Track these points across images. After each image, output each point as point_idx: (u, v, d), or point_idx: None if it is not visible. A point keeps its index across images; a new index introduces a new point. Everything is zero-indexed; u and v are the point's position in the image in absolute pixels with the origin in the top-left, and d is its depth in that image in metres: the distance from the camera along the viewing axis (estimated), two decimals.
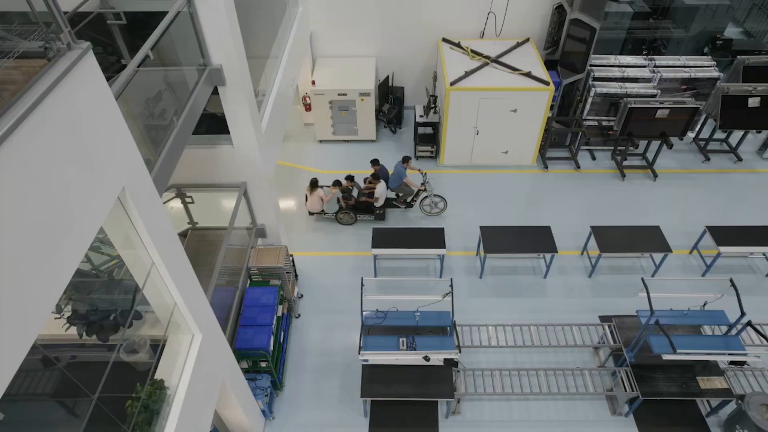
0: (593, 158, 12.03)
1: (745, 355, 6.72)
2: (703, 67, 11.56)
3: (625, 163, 11.83)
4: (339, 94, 11.36)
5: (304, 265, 9.63)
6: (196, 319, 4.92)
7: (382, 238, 9.12)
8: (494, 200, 10.79)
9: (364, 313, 7.27)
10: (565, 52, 11.17)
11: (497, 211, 10.68)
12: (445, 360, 7.05)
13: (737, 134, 12.13)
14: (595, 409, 7.68)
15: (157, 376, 4.65)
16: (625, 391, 7.32)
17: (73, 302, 4.67)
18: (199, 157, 7.45)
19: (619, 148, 11.78)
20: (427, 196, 10.42)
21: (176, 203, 7.94)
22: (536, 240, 9.09)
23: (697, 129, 12.25)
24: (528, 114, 10.76)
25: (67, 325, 4.62)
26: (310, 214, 10.50)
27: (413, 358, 6.67)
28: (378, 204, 10.17)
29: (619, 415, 7.59)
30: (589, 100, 11.32)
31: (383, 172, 10.29)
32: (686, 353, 6.61)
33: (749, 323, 6.80)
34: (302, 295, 9.12)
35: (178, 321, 4.84)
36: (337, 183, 9.96)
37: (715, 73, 11.37)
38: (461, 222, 10.49)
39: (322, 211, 10.35)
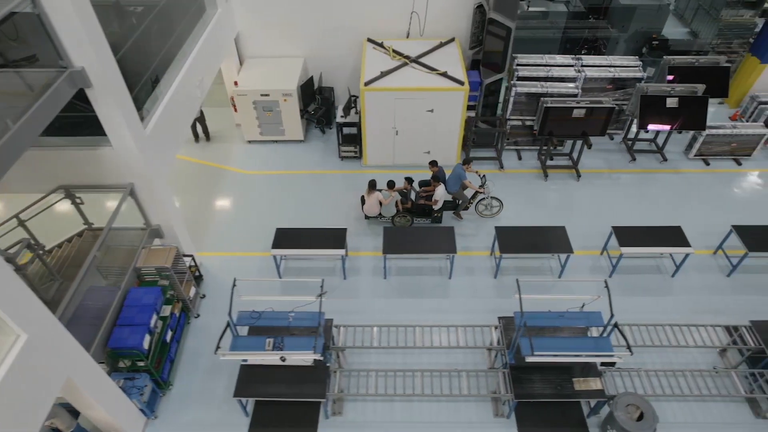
0: (519, 158, 12.00)
1: (609, 356, 6.70)
2: (629, 67, 11.52)
3: (551, 163, 11.80)
4: (261, 95, 11.38)
5: (213, 266, 9.66)
6: (15, 320, 4.95)
7: (284, 239, 9.14)
8: None
9: (238, 312, 7.30)
10: (486, 51, 11.14)
11: None
12: (315, 361, 7.07)
13: (664, 134, 12.05)
14: (479, 410, 7.66)
15: None
16: (502, 393, 7.32)
17: None
18: (82, 158, 7.50)
19: (543, 147, 11.75)
20: (483, 198, 10.25)
21: (66, 204, 7.99)
22: (437, 240, 9.08)
23: (625, 129, 12.21)
24: (445, 114, 10.73)
25: None
26: (366, 218, 10.27)
27: (271, 358, 6.69)
28: (437, 207, 9.95)
29: (501, 416, 7.58)
30: (511, 99, 11.30)
31: (441, 174, 10.05)
32: (542, 355, 6.59)
33: (615, 325, 6.77)
34: (204, 296, 9.15)
35: None
36: (391, 184, 9.72)
37: (639, 74, 11.33)
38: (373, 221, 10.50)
39: (380, 214, 10.05)
